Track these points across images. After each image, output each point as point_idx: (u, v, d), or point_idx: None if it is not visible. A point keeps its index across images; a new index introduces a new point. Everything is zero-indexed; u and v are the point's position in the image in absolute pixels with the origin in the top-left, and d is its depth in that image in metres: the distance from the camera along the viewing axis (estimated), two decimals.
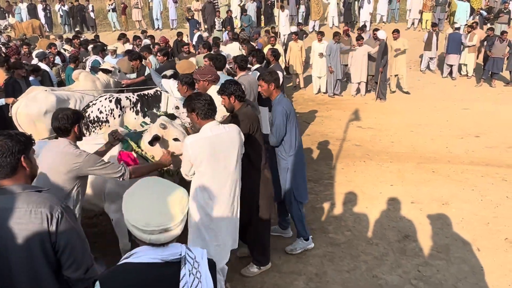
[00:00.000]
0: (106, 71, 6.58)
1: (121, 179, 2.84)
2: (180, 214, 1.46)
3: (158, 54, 7.34)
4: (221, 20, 15.41)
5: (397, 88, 10.94)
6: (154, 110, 5.16)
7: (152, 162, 3.36)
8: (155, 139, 3.27)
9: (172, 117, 3.71)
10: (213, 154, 2.91)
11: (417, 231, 4.49)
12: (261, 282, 3.74)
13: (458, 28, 12.14)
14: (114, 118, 5.21)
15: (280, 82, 4.13)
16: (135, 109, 5.43)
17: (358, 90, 10.59)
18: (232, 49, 9.17)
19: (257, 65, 5.93)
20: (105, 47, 9.05)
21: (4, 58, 7.07)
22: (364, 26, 12.42)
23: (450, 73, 12.14)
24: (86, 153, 2.72)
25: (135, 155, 3.34)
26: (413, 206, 5.02)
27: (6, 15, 17.88)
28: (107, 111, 5.21)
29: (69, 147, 2.69)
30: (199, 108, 2.90)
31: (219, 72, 4.92)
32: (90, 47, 9.84)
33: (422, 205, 5.04)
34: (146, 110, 5.42)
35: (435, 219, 4.69)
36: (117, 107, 5.25)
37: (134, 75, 7.20)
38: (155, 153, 3.40)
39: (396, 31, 10.31)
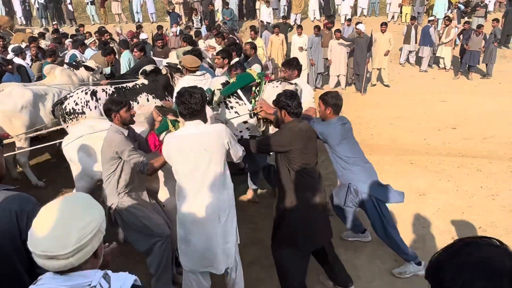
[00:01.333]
0: (89, 68, 6.46)
1: (140, 173, 3.12)
2: (74, 243, 1.28)
3: (135, 49, 7.21)
4: (199, 17, 15.32)
5: (378, 81, 11.07)
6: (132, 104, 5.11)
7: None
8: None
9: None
10: (181, 153, 2.78)
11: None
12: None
13: (431, 21, 12.36)
14: (90, 110, 5.20)
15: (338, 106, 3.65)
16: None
17: (338, 83, 10.66)
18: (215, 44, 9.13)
19: (236, 59, 5.91)
20: (84, 41, 8.88)
21: None
22: (350, 19, 12.48)
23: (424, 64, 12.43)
24: (119, 137, 3.08)
25: (161, 138, 3.32)
26: None
27: None
28: (82, 102, 5.22)
29: (112, 130, 3.13)
30: (182, 109, 2.77)
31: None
32: (68, 41, 9.63)
33: None
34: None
35: (412, 210, 4.78)
36: (92, 99, 5.24)
37: (108, 69, 7.08)
38: None
39: (384, 24, 10.44)
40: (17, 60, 7.31)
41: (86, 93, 5.28)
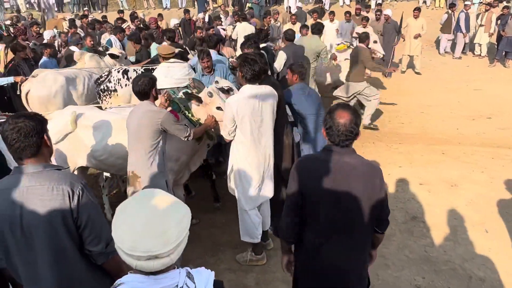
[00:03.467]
0: (113, 56, 6.59)
1: (186, 139, 3.36)
2: (174, 239, 1.22)
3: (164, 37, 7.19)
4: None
5: (409, 68, 10.77)
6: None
7: (199, 124, 3.76)
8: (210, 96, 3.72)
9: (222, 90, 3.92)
10: (252, 111, 3.31)
11: (425, 212, 4.50)
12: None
13: (467, 6, 11.82)
14: (122, 87, 5.45)
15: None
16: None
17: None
18: (244, 29, 9.10)
19: (263, 44, 5.95)
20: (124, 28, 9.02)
21: (11, 39, 7.07)
22: (369, 5, 12.12)
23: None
24: (165, 110, 3.30)
25: (180, 116, 3.68)
26: (422, 187, 5.02)
27: None
28: (115, 80, 5.51)
29: (151, 106, 3.24)
30: (246, 72, 3.29)
31: (211, 51, 5.21)
32: (108, 26, 9.80)
33: (430, 186, 5.03)
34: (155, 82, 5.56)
35: (443, 201, 4.69)
36: (123, 77, 5.51)
37: (133, 57, 7.19)
38: (201, 116, 3.80)
39: (417, 9, 10.11)
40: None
41: (118, 72, 5.58)
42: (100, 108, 4.77)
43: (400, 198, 4.80)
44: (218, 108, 3.71)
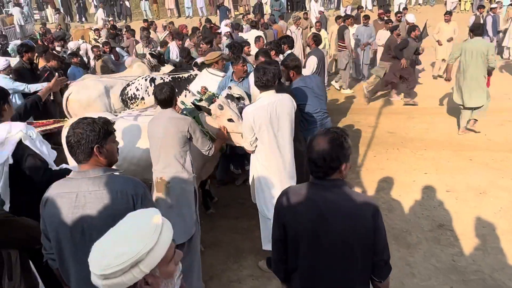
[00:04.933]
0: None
1: (206, 153, 3.40)
2: (102, 268, 1.20)
3: (202, 42, 7.33)
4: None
5: (444, 73, 10.54)
6: (185, 93, 5.44)
7: (214, 137, 3.74)
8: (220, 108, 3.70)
9: (232, 98, 3.97)
10: (269, 119, 3.33)
11: (452, 220, 4.38)
12: None
13: (494, 9, 11.50)
14: (149, 95, 5.58)
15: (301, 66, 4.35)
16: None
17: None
18: (253, 36, 9.23)
19: (289, 51, 5.92)
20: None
21: (43, 48, 7.35)
22: (390, 10, 11.98)
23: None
24: (189, 118, 3.36)
25: None
26: (449, 194, 4.90)
27: (44, 6, 18.53)
28: (142, 88, 5.66)
29: (175, 113, 3.31)
30: (259, 80, 3.31)
31: None
32: (165, 34, 10.11)
33: (457, 193, 4.90)
34: (177, 90, 5.61)
35: (471, 208, 4.56)
36: (151, 85, 5.67)
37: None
38: (211, 128, 3.79)
39: (448, 13, 9.90)
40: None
41: (145, 80, 5.73)
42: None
43: (426, 205, 4.70)
44: (230, 120, 3.69)
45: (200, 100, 3.79)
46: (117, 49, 8.71)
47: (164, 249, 1.27)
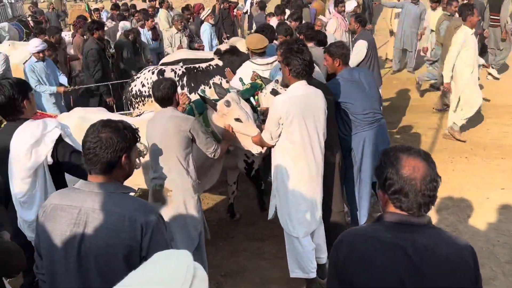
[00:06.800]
0: None
1: (211, 156, 3.55)
2: None
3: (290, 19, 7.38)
4: None
5: None
6: (203, 87, 5.44)
7: (220, 138, 3.89)
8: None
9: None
10: (302, 112, 3.34)
11: None
12: None
13: None
14: None
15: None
16: (180, 82, 5.64)
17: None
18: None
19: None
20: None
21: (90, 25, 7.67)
22: None
23: None
24: (192, 117, 3.53)
25: None
26: None
27: None
28: (149, 84, 5.52)
29: (176, 112, 3.47)
30: (294, 65, 3.32)
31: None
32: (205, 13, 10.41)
33: None
34: (193, 85, 5.67)
35: None
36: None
37: None
38: (217, 128, 3.92)
39: None
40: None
41: (153, 73, 5.62)
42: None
43: (503, 230, 4.55)
44: (237, 119, 3.77)
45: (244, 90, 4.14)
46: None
47: None
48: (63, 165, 2.89)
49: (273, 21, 8.81)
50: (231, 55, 5.71)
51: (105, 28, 8.25)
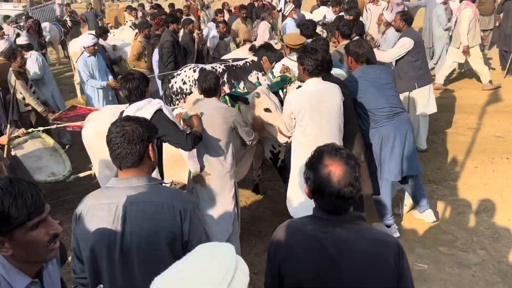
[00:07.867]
0: None
1: (249, 143, 3.84)
2: None
3: None
4: None
5: None
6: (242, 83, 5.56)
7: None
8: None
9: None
10: (314, 107, 3.53)
11: None
12: None
13: None
14: None
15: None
16: (220, 80, 5.75)
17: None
18: (320, 14, 9.19)
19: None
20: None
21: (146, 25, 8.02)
22: None
23: None
24: (233, 109, 3.82)
25: None
26: None
27: None
28: (191, 81, 5.72)
29: (220, 103, 3.76)
30: (307, 64, 3.54)
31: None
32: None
33: None
34: (233, 81, 5.84)
35: None
36: None
37: None
38: (249, 117, 4.11)
39: None
40: None
41: (194, 71, 5.77)
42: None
43: None
44: (267, 109, 4.07)
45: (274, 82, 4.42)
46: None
47: None
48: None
49: (330, 13, 8.82)
50: (265, 51, 5.92)
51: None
